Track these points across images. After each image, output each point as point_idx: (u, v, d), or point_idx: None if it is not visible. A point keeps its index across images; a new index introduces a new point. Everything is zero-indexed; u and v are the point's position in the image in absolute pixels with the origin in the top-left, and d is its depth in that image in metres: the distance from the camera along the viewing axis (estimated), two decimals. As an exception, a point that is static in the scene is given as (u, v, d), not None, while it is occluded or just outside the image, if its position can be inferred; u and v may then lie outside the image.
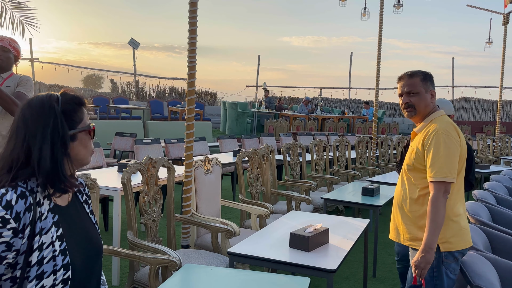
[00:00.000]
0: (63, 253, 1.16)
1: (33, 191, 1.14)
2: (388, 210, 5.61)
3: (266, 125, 11.11)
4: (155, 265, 2.23)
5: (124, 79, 17.49)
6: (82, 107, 1.28)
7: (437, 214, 1.90)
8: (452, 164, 1.93)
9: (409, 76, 2.09)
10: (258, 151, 3.92)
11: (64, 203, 1.25)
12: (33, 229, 1.10)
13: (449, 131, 1.98)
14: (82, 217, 1.31)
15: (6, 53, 2.89)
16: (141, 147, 5.21)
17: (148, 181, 2.67)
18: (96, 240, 1.33)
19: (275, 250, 2.31)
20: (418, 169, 2.04)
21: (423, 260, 1.91)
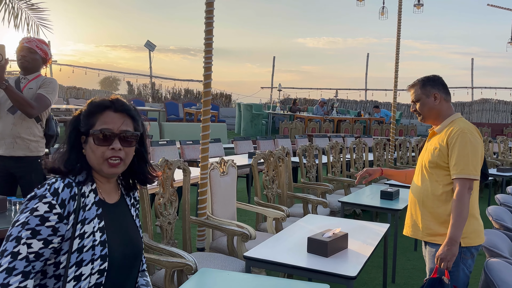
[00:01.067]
0: (102, 244, 1.21)
1: (80, 183, 1.23)
2: (406, 214, 5.47)
3: (281, 126, 11.05)
4: (171, 268, 2.20)
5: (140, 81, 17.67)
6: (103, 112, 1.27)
7: (463, 209, 2.00)
8: (477, 162, 2.05)
9: (411, 86, 2.27)
10: (274, 153, 3.87)
11: (111, 201, 1.32)
12: (76, 217, 1.17)
13: (473, 131, 2.11)
14: (126, 218, 1.36)
15: (32, 54, 2.87)
16: (157, 149, 5.21)
17: (164, 183, 2.64)
18: (137, 242, 1.36)
19: (293, 255, 2.25)
20: (441, 166, 2.13)
21: (449, 253, 1.98)
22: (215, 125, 9.74)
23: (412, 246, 4.53)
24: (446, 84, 2.25)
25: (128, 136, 1.28)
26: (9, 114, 2.80)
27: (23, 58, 2.84)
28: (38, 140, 2.89)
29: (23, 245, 1.10)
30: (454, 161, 2.06)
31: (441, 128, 2.19)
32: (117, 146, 1.25)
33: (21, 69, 2.89)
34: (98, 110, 1.27)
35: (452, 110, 2.23)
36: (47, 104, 2.84)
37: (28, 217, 1.13)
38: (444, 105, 2.20)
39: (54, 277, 1.17)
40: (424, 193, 2.18)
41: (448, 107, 2.22)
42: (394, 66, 7.11)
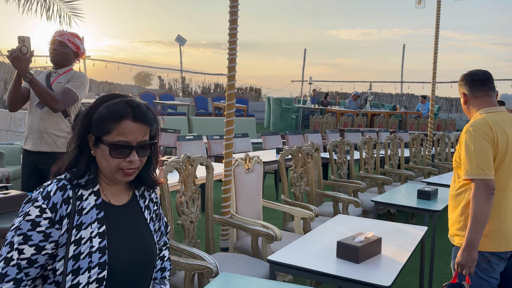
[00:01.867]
0: (101, 251, 1.12)
1: (79, 185, 1.14)
2: (445, 215, 5.17)
3: (311, 121, 10.78)
4: (191, 271, 2.09)
5: (171, 76, 17.83)
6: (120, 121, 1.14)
7: (477, 211, 1.91)
8: (484, 160, 1.94)
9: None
10: (302, 149, 3.69)
11: (118, 202, 1.22)
12: (71, 222, 1.09)
13: (480, 127, 1.99)
14: (137, 221, 1.25)
15: (63, 47, 2.82)
16: (184, 144, 5.14)
17: (186, 180, 2.53)
18: (148, 249, 1.24)
19: (321, 260, 2.08)
20: (458, 166, 2.10)
21: (468, 258, 1.91)
22: (244, 119, 9.63)
23: (451, 248, 4.24)
24: (479, 79, 2.13)
25: (146, 146, 1.19)
26: (38, 108, 2.77)
27: (54, 51, 2.80)
28: (66, 136, 2.84)
29: (15, 251, 1.05)
30: (462, 161, 2.03)
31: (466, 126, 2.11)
32: (135, 159, 1.16)
33: (52, 63, 2.85)
34: (115, 117, 1.14)
35: (482, 105, 2.11)
36: (74, 99, 2.78)
37: (21, 221, 1.07)
38: (473, 102, 2.14)
39: (54, 284, 1.11)
40: (450, 192, 2.20)
41: (478, 103, 2.12)
42: (433, 57, 6.72)
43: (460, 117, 15.80)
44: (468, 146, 1.99)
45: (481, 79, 2.13)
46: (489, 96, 2.11)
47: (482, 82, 2.13)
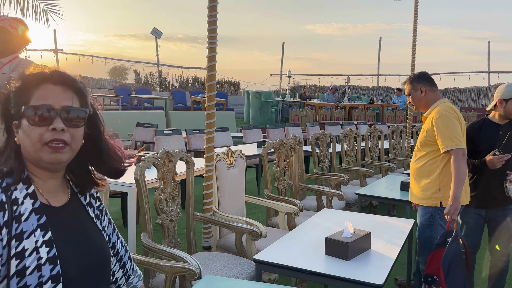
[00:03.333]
0: (51, 261, 0.94)
1: (9, 186, 0.96)
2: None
3: (291, 114, 10.71)
4: (171, 274, 1.95)
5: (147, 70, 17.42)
6: (39, 85, 0.98)
7: (459, 172, 2.42)
8: (458, 134, 2.49)
9: (403, 83, 2.81)
10: (285, 142, 3.59)
11: (58, 203, 1.05)
12: (9, 231, 0.92)
13: (449, 111, 2.54)
14: (82, 221, 1.09)
15: (4, 34, 2.59)
16: (162, 138, 4.96)
17: (165, 176, 2.39)
18: (101, 249, 1.10)
19: (309, 258, 1.99)
20: (429, 144, 2.59)
21: (455, 208, 2.40)
22: (223, 113, 9.46)
23: (433, 240, 4.24)
24: (431, 77, 2.72)
25: (73, 116, 0.99)
26: None
27: None
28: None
29: None
30: (440, 138, 2.51)
31: (428, 113, 2.66)
32: (59, 125, 0.96)
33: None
34: (32, 83, 0.98)
35: (438, 97, 2.68)
36: None
37: None
38: (430, 94, 2.67)
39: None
40: (415, 167, 2.68)
41: (434, 95, 2.67)
42: (411, 50, 6.73)
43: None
44: (445, 125, 2.50)
45: (431, 78, 2.72)
46: (438, 90, 2.73)
47: (433, 80, 2.71)
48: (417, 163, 2.67)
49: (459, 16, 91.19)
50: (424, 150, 2.62)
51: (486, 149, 2.71)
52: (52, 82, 0.99)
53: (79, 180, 1.12)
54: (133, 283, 1.29)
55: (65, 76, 1.02)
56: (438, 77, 18.27)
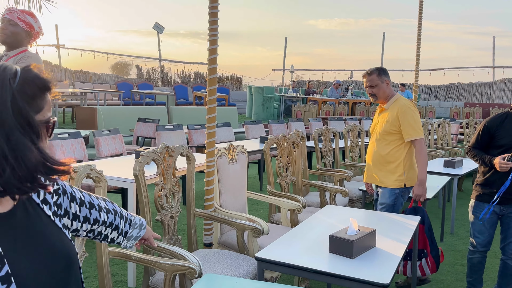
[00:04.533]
0: (5, 280, 0.81)
1: None
2: (433, 202, 5.13)
3: (293, 110, 10.63)
4: (171, 272, 1.90)
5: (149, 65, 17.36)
6: (46, 93, 0.88)
7: (424, 158, 2.85)
8: (421, 126, 2.87)
9: (369, 74, 2.96)
10: (287, 137, 3.52)
11: (4, 208, 0.88)
12: None
13: (413, 105, 2.93)
14: (37, 224, 0.95)
15: (12, 27, 2.52)
16: (163, 134, 4.91)
17: (165, 172, 2.33)
18: (63, 249, 0.96)
19: (312, 256, 1.93)
20: (393, 133, 2.89)
21: (421, 190, 2.85)
22: (225, 108, 9.40)
23: (438, 237, 4.19)
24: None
25: None
26: None
27: (1, 31, 2.51)
28: None
29: None
30: (406, 129, 2.84)
31: (389, 105, 2.94)
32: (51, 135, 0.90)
33: (2, 43, 2.56)
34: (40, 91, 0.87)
35: (393, 91, 3.00)
36: None
37: None
38: (390, 88, 2.97)
39: None
40: (379, 153, 2.95)
41: (391, 90, 2.98)
42: (416, 45, 6.63)
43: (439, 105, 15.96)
44: (411, 118, 2.84)
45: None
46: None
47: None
48: (382, 150, 2.94)
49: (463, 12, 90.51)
50: (387, 138, 2.91)
51: (508, 143, 2.61)
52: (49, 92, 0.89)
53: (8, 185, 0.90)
54: (134, 234, 1.27)
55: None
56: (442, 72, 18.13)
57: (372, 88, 2.92)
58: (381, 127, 2.94)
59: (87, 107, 7.30)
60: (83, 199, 1.16)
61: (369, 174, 3.09)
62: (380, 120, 2.97)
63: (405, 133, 2.84)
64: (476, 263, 2.81)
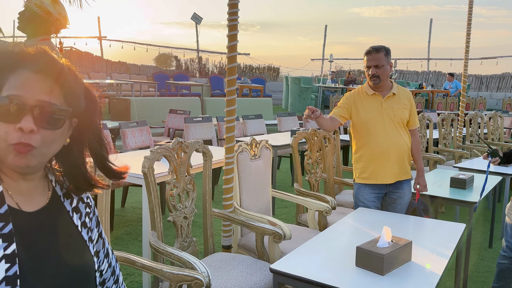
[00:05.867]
0: (9, 281, 0.75)
1: None
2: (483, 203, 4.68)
3: (332, 101, 10.22)
4: (176, 282, 1.73)
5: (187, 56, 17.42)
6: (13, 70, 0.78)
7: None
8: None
9: (377, 50, 2.52)
10: (318, 131, 3.25)
11: (33, 207, 0.85)
12: None
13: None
14: (61, 230, 0.89)
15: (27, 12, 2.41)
16: (191, 126, 4.78)
17: (177, 169, 2.15)
18: (81, 264, 0.89)
19: (336, 270, 1.68)
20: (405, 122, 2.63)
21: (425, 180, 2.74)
22: (260, 100, 9.18)
23: (487, 242, 3.77)
24: None
25: (49, 112, 0.78)
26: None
27: (18, 18, 2.41)
28: None
29: None
30: (414, 115, 2.65)
31: (396, 90, 2.61)
32: (27, 125, 0.76)
33: (22, 31, 2.47)
34: (8, 65, 0.79)
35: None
36: None
37: None
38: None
39: None
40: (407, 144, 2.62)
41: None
42: (466, 32, 6.07)
43: (491, 96, 14.87)
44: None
45: None
46: None
47: None
48: (409, 141, 2.65)
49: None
50: (403, 127, 2.62)
51: None
52: (31, 68, 0.79)
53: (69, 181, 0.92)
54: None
55: (51, 62, 0.80)
56: (494, 61, 16.87)
57: (378, 68, 2.50)
58: (396, 114, 2.55)
59: (121, 98, 7.34)
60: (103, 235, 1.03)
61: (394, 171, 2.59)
62: (390, 107, 2.56)
63: (415, 121, 2.66)
64: (505, 269, 2.51)
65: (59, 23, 2.54)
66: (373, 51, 2.51)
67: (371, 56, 2.51)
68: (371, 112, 2.56)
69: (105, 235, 1.03)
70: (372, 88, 2.59)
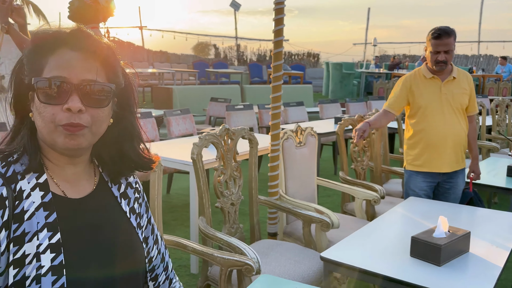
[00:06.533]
0: (55, 271, 0.73)
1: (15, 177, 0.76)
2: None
3: (375, 87, 9.91)
4: (226, 267, 1.74)
5: (226, 44, 17.48)
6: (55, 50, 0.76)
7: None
8: None
9: (448, 35, 2.32)
10: (365, 118, 3.15)
11: (78, 194, 0.83)
12: (8, 233, 0.73)
13: None
14: (109, 217, 0.86)
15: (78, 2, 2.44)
16: (233, 114, 4.79)
17: (225, 156, 2.16)
18: (131, 252, 0.86)
19: (390, 260, 1.63)
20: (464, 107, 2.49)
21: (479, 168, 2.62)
22: (300, 87, 9.06)
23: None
24: None
25: (96, 90, 0.77)
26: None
27: (68, 8, 2.48)
28: None
29: None
30: (474, 101, 2.49)
31: (456, 73, 2.44)
32: (75, 105, 0.74)
33: (71, 20, 2.53)
34: (46, 47, 0.77)
35: None
36: None
37: None
38: None
39: None
40: (464, 131, 2.47)
41: None
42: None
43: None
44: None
45: None
46: None
47: None
48: (466, 129, 2.51)
49: None
50: (462, 113, 2.47)
51: None
52: (70, 47, 0.77)
53: (110, 165, 0.89)
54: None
55: (88, 38, 0.78)
56: (553, 41, 15.67)
57: (447, 54, 2.34)
58: (460, 99, 2.42)
59: (164, 87, 7.49)
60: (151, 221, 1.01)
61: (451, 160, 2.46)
62: (449, 92, 2.41)
63: (474, 106, 2.51)
64: None
65: (107, 11, 2.58)
66: (444, 35, 2.31)
67: (442, 41, 2.32)
68: (429, 97, 2.42)
69: (154, 221, 1.01)
70: (431, 72, 2.44)
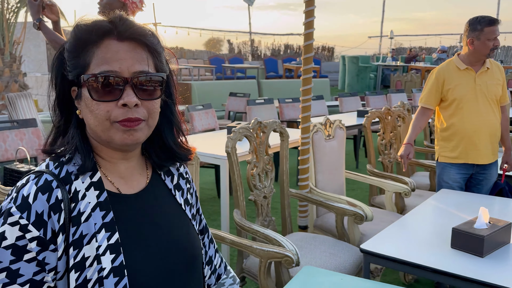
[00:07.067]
0: (117, 273, 0.71)
1: (69, 177, 0.73)
2: None
3: (392, 80, 9.81)
4: (266, 259, 1.75)
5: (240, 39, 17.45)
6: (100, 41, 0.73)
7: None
8: None
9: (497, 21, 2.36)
10: (392, 110, 3.13)
11: (132, 190, 0.80)
12: (67, 236, 0.71)
13: None
14: (165, 211, 0.83)
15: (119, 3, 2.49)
16: (254, 108, 4.80)
17: (257, 149, 2.17)
18: (188, 245, 0.84)
19: (430, 252, 1.63)
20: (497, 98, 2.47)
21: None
22: (316, 80, 9.00)
23: None
24: None
25: (148, 81, 0.74)
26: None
27: (98, 3, 2.51)
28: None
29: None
30: (505, 91, 2.47)
31: (489, 65, 2.43)
32: (131, 99, 0.71)
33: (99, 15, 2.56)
34: (89, 39, 0.73)
35: None
36: None
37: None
38: None
39: None
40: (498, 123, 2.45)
41: None
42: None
43: None
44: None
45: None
46: None
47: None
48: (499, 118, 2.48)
49: None
50: (496, 104, 2.45)
51: None
52: (116, 37, 0.72)
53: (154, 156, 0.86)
54: (226, 284, 1.00)
55: (132, 26, 0.74)
56: None
57: (496, 40, 2.37)
58: (495, 90, 2.41)
59: (182, 82, 7.53)
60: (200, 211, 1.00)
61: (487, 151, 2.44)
62: (484, 83, 2.40)
63: (506, 97, 2.49)
64: None
65: (135, 6, 2.61)
66: (496, 21, 2.35)
67: (496, 26, 2.35)
68: (464, 89, 2.41)
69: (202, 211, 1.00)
70: (465, 63, 2.44)
